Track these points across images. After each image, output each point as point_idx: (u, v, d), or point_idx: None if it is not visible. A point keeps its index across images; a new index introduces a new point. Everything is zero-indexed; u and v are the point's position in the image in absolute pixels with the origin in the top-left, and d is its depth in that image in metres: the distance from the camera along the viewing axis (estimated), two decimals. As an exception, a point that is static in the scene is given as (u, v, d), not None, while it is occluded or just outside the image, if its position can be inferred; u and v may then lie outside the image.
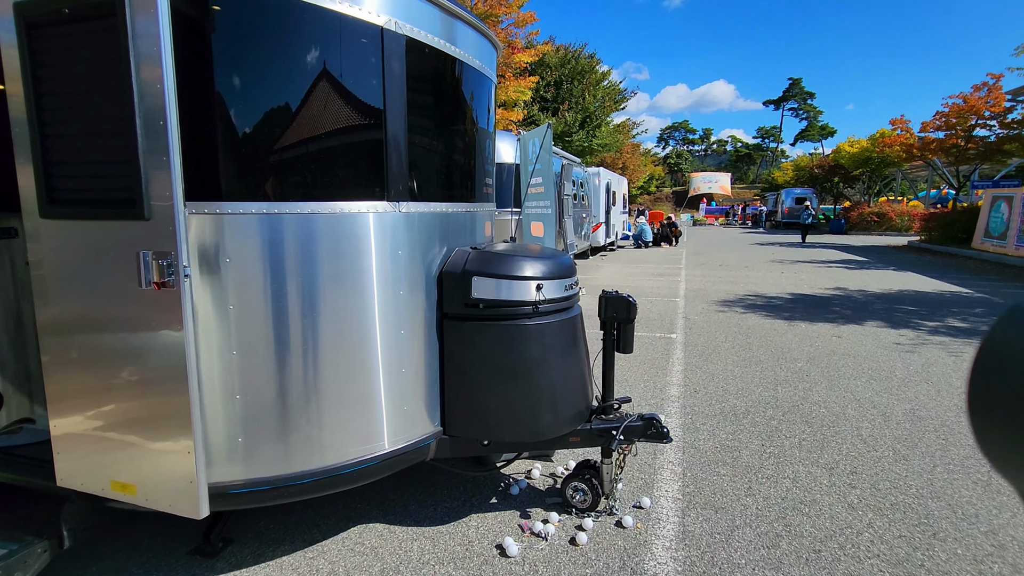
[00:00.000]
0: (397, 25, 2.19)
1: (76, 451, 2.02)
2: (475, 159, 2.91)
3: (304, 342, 2.10)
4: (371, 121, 2.17)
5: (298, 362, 2.11)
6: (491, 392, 2.51)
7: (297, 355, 2.10)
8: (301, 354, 2.11)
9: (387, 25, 2.15)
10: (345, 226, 2.14)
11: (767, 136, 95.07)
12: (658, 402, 4.51)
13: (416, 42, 2.29)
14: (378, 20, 2.13)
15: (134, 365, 1.87)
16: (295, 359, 2.10)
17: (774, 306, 8.82)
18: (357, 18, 2.07)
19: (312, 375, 2.13)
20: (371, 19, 2.10)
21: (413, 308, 2.39)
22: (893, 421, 4.11)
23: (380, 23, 2.13)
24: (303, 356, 2.11)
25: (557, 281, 2.58)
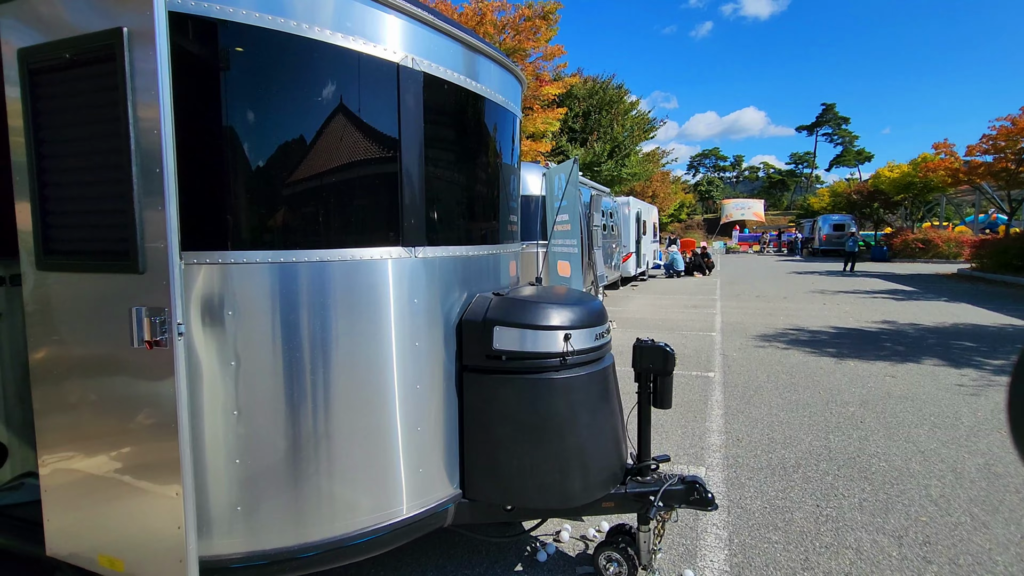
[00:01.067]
0: (414, 62, 2.07)
1: (65, 516, 1.88)
2: (498, 197, 2.74)
3: (311, 401, 1.93)
4: (384, 163, 2.03)
5: (304, 422, 1.93)
6: (514, 453, 2.28)
7: (303, 415, 1.93)
8: (308, 414, 1.93)
9: (403, 62, 2.03)
10: (356, 274, 1.99)
11: (800, 162, 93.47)
12: (697, 452, 4.17)
13: (435, 78, 2.16)
14: (394, 57, 2.01)
15: (122, 427, 1.73)
16: (301, 419, 1.93)
17: (818, 341, 8.33)
18: (372, 55, 1.95)
19: (320, 436, 1.95)
20: (387, 56, 1.99)
21: (430, 361, 2.20)
22: (966, 479, 3.67)
23: (396, 60, 2.01)
24: (310, 416, 1.94)
25: (587, 330, 2.36)
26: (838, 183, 49.09)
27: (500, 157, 2.76)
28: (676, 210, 54.55)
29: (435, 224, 2.24)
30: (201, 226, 1.74)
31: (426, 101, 2.14)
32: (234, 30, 1.72)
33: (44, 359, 1.82)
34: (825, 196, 48.32)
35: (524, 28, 13.70)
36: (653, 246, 21.45)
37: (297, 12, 1.80)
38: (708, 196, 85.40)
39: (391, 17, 2.01)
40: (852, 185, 44.32)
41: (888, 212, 38.08)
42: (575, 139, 21.60)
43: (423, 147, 2.13)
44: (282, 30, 1.77)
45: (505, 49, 13.18)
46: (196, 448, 1.77)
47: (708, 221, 78.93)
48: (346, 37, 1.89)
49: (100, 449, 1.78)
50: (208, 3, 1.64)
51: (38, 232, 1.74)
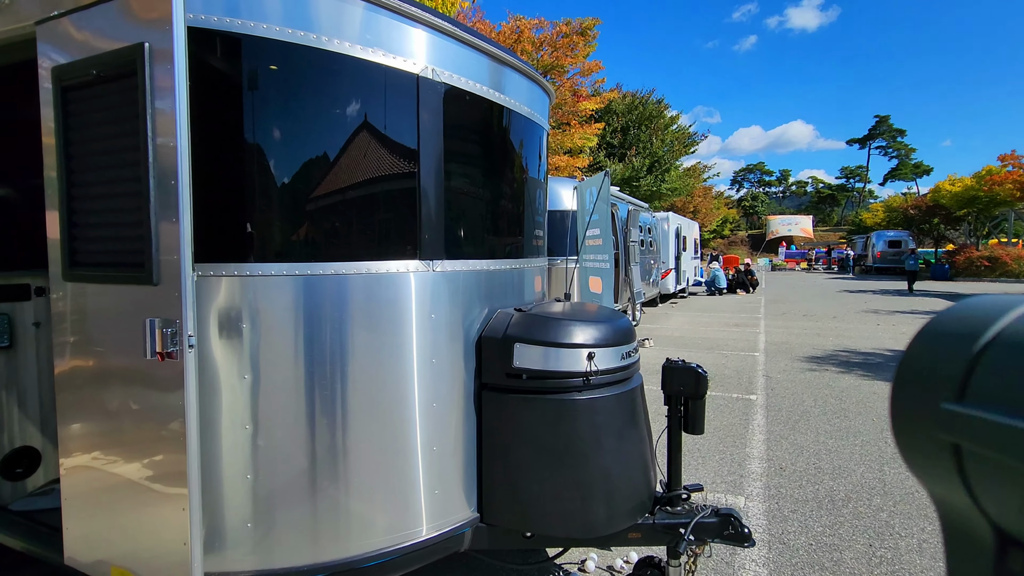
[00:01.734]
0: (435, 73, 2.04)
1: (82, 525, 1.89)
2: (523, 211, 2.68)
3: (324, 417, 1.89)
4: (403, 174, 2.00)
5: (317, 439, 1.89)
6: (534, 477, 2.17)
7: (316, 431, 1.89)
8: (320, 430, 1.89)
9: (424, 73, 2.01)
10: (372, 288, 1.95)
11: (852, 176, 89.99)
12: (736, 480, 3.93)
13: (456, 90, 2.13)
14: (414, 68, 1.98)
15: (135, 438, 1.73)
16: (314, 435, 1.89)
17: (872, 364, 7.84)
18: (392, 67, 1.94)
19: (332, 454, 1.90)
20: (407, 68, 1.96)
21: (448, 378, 2.13)
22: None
23: (416, 71, 1.99)
24: (323, 432, 1.89)
25: (613, 349, 2.25)
26: (893, 197, 46.84)
27: (525, 170, 2.70)
28: (719, 226, 53.26)
29: (455, 237, 2.19)
30: (217, 239, 1.74)
31: (447, 112, 2.10)
32: (255, 45, 1.73)
33: (67, 368, 1.86)
34: (879, 211, 46.15)
35: (562, 45, 13.77)
36: (694, 262, 20.93)
37: (322, 26, 1.80)
38: (752, 211, 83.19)
39: (412, 29, 1.99)
40: (909, 200, 42.19)
41: (949, 228, 35.99)
42: (614, 154, 21.44)
43: (443, 159, 2.08)
44: (303, 43, 1.77)
45: (543, 66, 13.29)
46: (207, 462, 1.75)
47: (753, 237, 76.73)
48: (365, 49, 1.88)
49: (114, 459, 1.79)
50: (231, 19, 1.65)
51: (65, 244, 1.78)
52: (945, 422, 0.43)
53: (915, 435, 0.47)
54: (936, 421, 0.44)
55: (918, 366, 0.48)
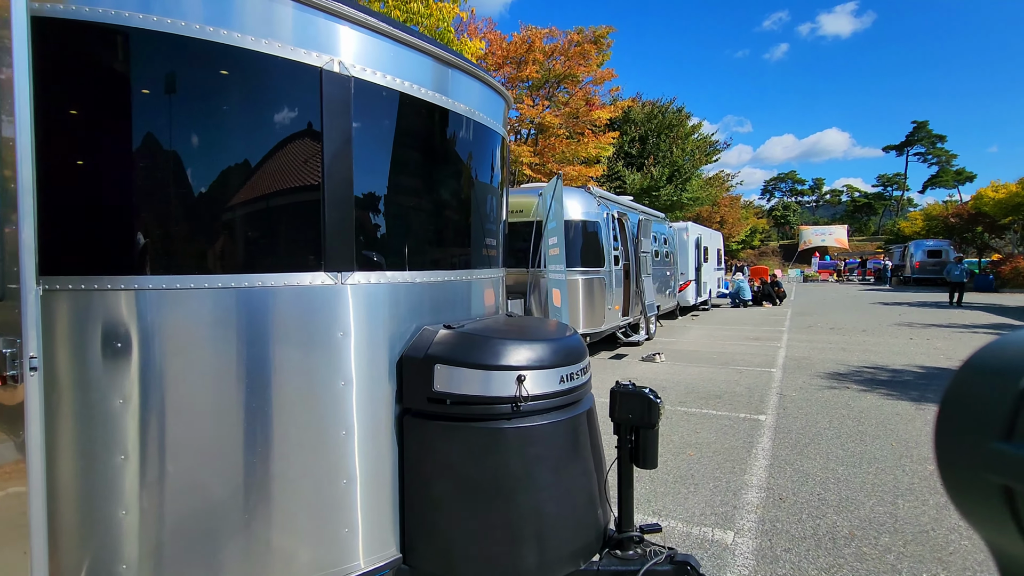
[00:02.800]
0: (342, 66, 1.85)
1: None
2: (468, 220, 2.46)
3: (207, 446, 1.69)
4: (303, 177, 1.81)
5: (198, 471, 1.69)
6: (457, 515, 1.93)
7: (197, 462, 1.69)
8: (203, 461, 1.70)
9: (328, 67, 1.82)
10: (267, 303, 1.75)
11: (889, 184, 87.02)
12: (728, 512, 3.58)
13: (372, 86, 1.94)
14: (317, 62, 1.80)
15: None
16: (195, 467, 1.69)
17: (899, 383, 7.30)
18: (290, 60, 1.76)
19: (206, 486, 1.70)
20: (308, 60, 1.78)
21: (359, 403, 1.91)
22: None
23: (319, 64, 1.81)
24: (205, 464, 1.70)
25: (549, 371, 2.00)
26: (933, 205, 44.87)
27: (472, 177, 2.49)
28: (747, 236, 51.93)
29: (372, 248, 1.98)
30: (74, 249, 1.58)
31: (360, 111, 1.91)
32: (117, 34, 1.57)
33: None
34: (918, 220, 44.28)
35: (574, 54, 13.59)
36: (717, 274, 20.32)
37: (203, 15, 1.64)
38: (784, 221, 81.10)
39: (315, 18, 1.81)
40: (950, 207, 40.37)
41: (994, 237, 34.21)
42: (632, 164, 21.06)
43: (354, 161, 1.89)
44: (181, 33, 1.60)
45: (556, 75, 13.16)
46: (65, 498, 1.57)
47: (784, 247, 74.69)
48: (258, 40, 1.70)
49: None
50: (84, 7, 1.50)
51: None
52: (994, 463, 0.42)
53: (962, 477, 0.45)
54: (984, 462, 0.42)
55: (963, 402, 0.47)
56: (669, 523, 3.44)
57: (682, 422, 5.62)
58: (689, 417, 5.80)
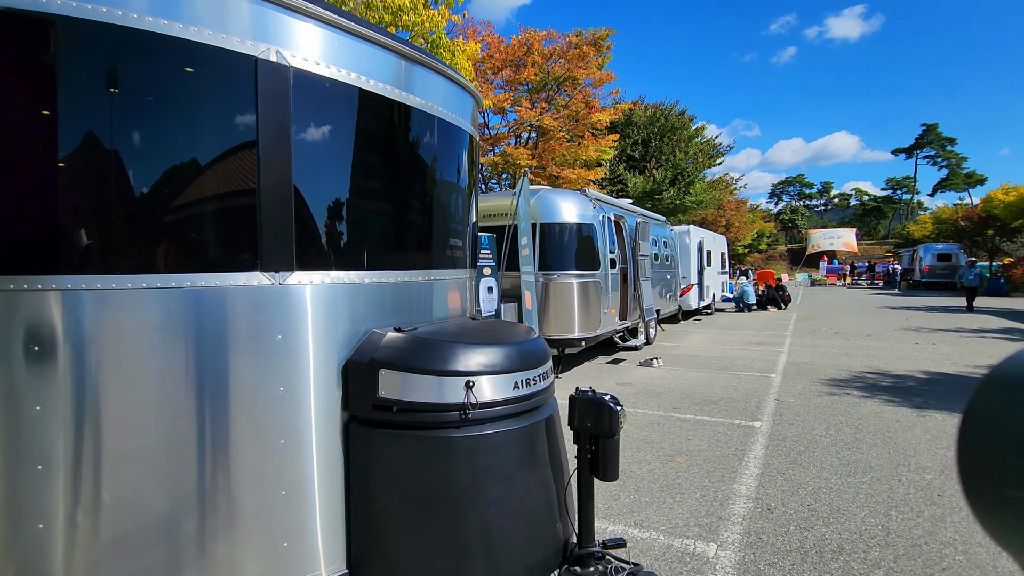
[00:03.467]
0: (280, 55, 1.76)
1: None
2: (429, 219, 2.37)
3: (132, 454, 1.60)
4: (236, 171, 1.72)
5: (118, 480, 1.60)
6: (402, 529, 1.83)
7: (120, 471, 1.60)
8: (126, 470, 1.60)
9: (264, 55, 1.73)
10: (197, 304, 1.66)
11: (899, 187, 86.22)
12: (712, 523, 3.44)
13: (315, 77, 1.85)
14: (252, 50, 1.71)
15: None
16: (111, 476, 1.60)
17: (901, 388, 7.11)
18: (220, 48, 1.67)
19: (133, 498, 1.61)
20: (240, 48, 1.70)
21: (301, 410, 1.82)
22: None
23: (254, 53, 1.72)
24: (123, 472, 1.60)
25: (502, 376, 1.89)
26: (942, 209, 44.35)
27: (433, 175, 2.39)
28: (754, 240, 51.50)
29: (315, 247, 1.89)
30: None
31: (301, 103, 1.82)
32: (28, 20, 1.49)
33: None
34: (927, 223, 43.77)
35: (572, 56, 13.50)
36: (721, 278, 20.09)
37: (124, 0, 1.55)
38: (792, 225, 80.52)
39: (250, 4, 1.72)
40: (960, 211, 39.84)
41: (1005, 240, 33.69)
42: (635, 167, 20.90)
43: (294, 155, 1.80)
44: (100, 19, 1.52)
45: (555, 77, 13.07)
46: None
47: (792, 251, 74.10)
48: (187, 28, 1.62)
49: None
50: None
51: None
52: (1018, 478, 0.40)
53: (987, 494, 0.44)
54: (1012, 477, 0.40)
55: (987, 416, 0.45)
56: (650, 534, 3.31)
57: (674, 429, 5.48)
58: (682, 423, 5.66)
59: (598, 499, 3.82)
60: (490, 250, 7.37)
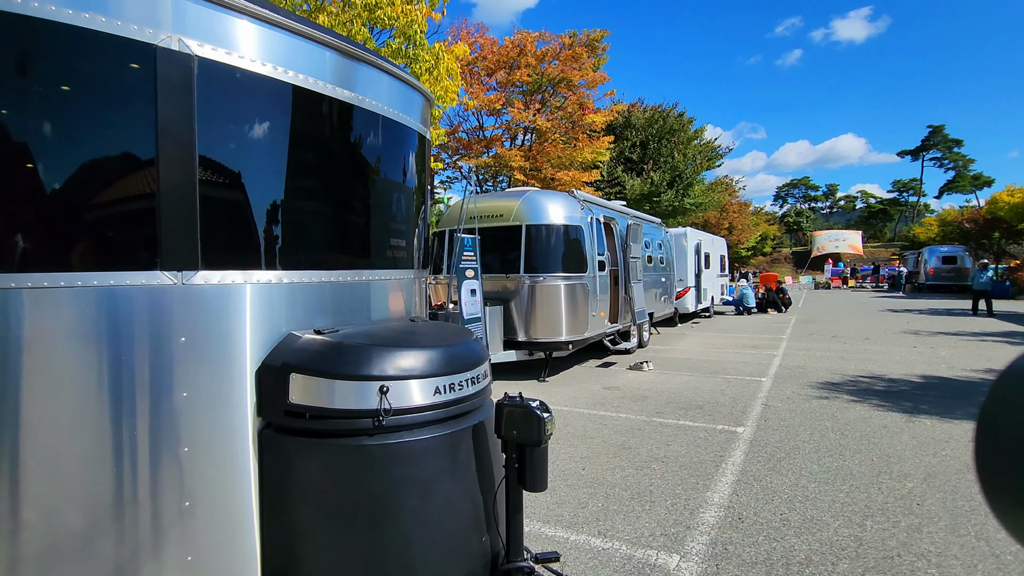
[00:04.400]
0: (183, 44, 1.68)
1: None
2: (362, 218, 2.28)
3: (8, 464, 1.51)
4: (134, 164, 1.64)
5: (7, 490, 1.51)
6: (314, 543, 1.73)
7: (2, 480, 1.51)
8: (6, 480, 1.51)
9: (165, 43, 1.65)
10: (85, 306, 1.57)
11: (905, 189, 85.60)
12: (679, 532, 3.32)
13: (222, 66, 1.76)
14: (149, 38, 1.63)
15: None
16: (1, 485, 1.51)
17: (893, 393, 6.96)
18: (116, 35, 1.59)
19: (21, 509, 1.52)
20: (135, 36, 1.61)
21: (206, 416, 1.72)
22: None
23: (154, 41, 1.64)
24: (10, 483, 1.51)
25: (423, 381, 1.79)
26: (947, 211, 43.92)
27: (367, 172, 2.30)
28: (757, 243, 51.14)
29: (225, 245, 1.80)
30: None
31: (208, 93, 1.73)
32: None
33: None
34: (933, 226, 43.36)
35: (565, 57, 13.41)
36: (721, 280, 19.92)
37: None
38: (797, 227, 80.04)
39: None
40: (965, 213, 39.43)
41: (1011, 242, 33.28)
42: (633, 169, 20.76)
43: (198, 148, 1.71)
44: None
45: (549, 78, 12.95)
46: None
47: (797, 254, 73.65)
48: (78, 14, 1.54)
49: None
50: None
51: None
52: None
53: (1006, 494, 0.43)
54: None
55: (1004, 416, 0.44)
56: (612, 544, 3.20)
57: (655, 434, 5.36)
58: (663, 428, 5.54)
59: (564, 508, 3.72)
60: (473, 252, 7.28)
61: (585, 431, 5.50)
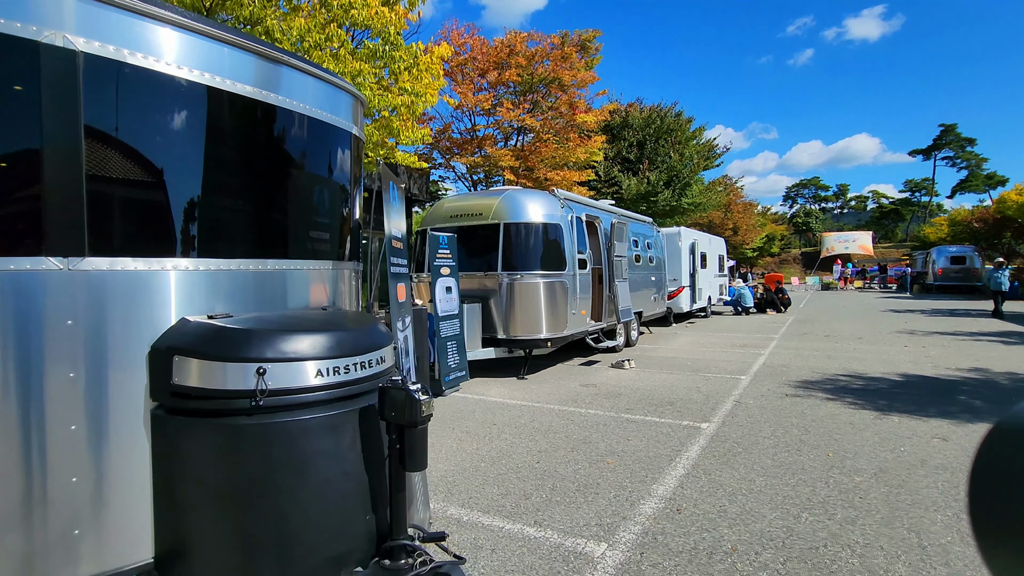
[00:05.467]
0: (67, 41, 1.76)
1: None
2: (270, 209, 2.35)
3: None
4: (18, 156, 1.72)
5: None
6: (196, 519, 1.80)
7: None
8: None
9: (48, 40, 1.73)
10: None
11: (917, 189, 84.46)
12: (614, 523, 3.36)
13: (109, 62, 1.84)
14: (33, 35, 1.72)
15: None
16: None
17: (871, 391, 6.92)
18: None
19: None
20: (18, 33, 1.70)
21: (94, 396, 1.80)
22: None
23: (38, 39, 1.72)
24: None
25: (303, 363, 1.86)
26: (957, 210, 43.30)
27: (275, 165, 2.38)
28: (763, 243, 50.72)
29: (115, 233, 1.88)
30: None
31: (94, 88, 1.82)
32: None
33: None
34: (943, 226, 42.77)
35: (554, 57, 13.46)
36: (719, 280, 19.82)
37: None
38: (806, 228, 79.29)
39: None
40: (975, 213, 38.86)
41: (1022, 242, 32.77)
42: (630, 169, 20.72)
43: (84, 141, 1.79)
44: None
45: (540, 78, 13.02)
46: None
47: (806, 255, 72.96)
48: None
49: None
50: None
51: None
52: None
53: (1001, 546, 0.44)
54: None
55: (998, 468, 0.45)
56: (544, 533, 3.25)
57: (618, 429, 5.39)
58: (628, 424, 5.56)
59: (508, 498, 3.77)
60: (449, 250, 7.35)
61: (550, 426, 5.54)
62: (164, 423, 1.87)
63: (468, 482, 4.09)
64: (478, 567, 2.87)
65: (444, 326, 7.03)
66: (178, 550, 1.85)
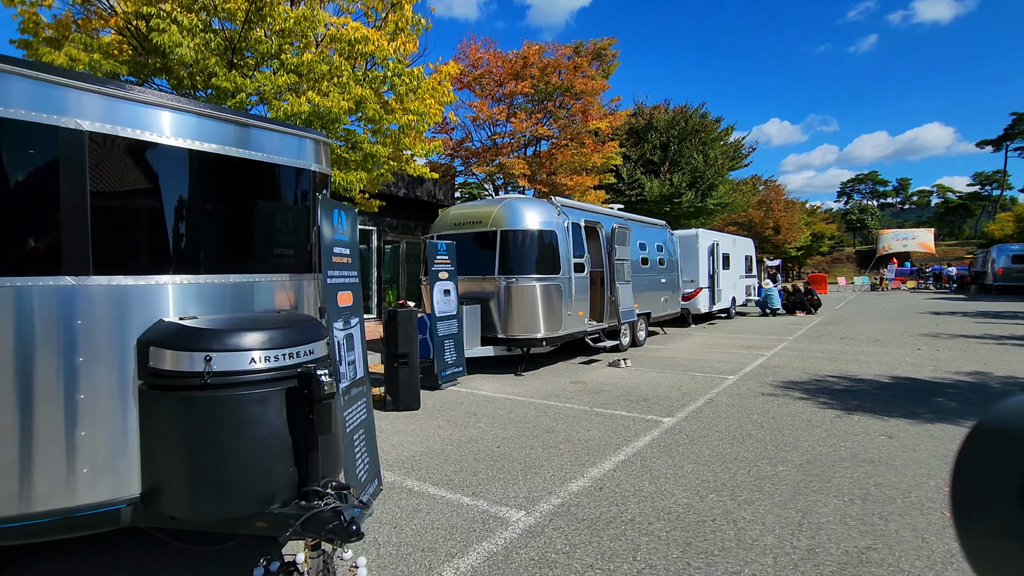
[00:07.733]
0: (76, 124, 2.50)
1: None
2: (240, 236, 3.05)
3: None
4: (46, 202, 2.47)
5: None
6: (164, 463, 2.51)
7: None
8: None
9: (64, 124, 2.48)
10: (13, 299, 2.42)
11: (988, 182, 79.04)
12: (539, 496, 3.91)
13: (106, 136, 2.57)
14: (55, 122, 2.46)
15: None
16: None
17: (851, 392, 7.11)
18: (27, 121, 2.43)
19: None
20: (45, 121, 2.45)
21: (95, 374, 2.54)
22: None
23: (57, 124, 2.47)
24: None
25: (239, 354, 2.54)
26: (1021, 205, 40.51)
27: (237, 201, 3.07)
28: (809, 242, 49.06)
29: (111, 257, 2.61)
30: None
31: (97, 154, 2.55)
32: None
33: None
34: (1008, 222, 40.15)
35: (567, 67, 13.94)
36: (746, 281, 19.69)
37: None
38: (861, 225, 75.73)
39: (51, 88, 2.47)
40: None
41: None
42: (653, 171, 20.87)
43: (89, 193, 2.52)
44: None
45: (552, 88, 13.57)
46: None
47: (861, 254, 69.74)
48: (6, 108, 2.39)
49: None
50: None
51: None
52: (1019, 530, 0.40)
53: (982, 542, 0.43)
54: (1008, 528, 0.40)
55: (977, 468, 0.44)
56: (477, 503, 3.83)
57: (584, 421, 5.89)
58: (595, 417, 6.05)
59: (459, 475, 4.38)
60: (447, 256, 8.02)
61: (524, 417, 6.11)
62: (146, 395, 2.59)
63: (431, 461, 4.72)
64: (411, 524, 3.50)
65: (441, 326, 7.71)
66: (154, 487, 2.57)
